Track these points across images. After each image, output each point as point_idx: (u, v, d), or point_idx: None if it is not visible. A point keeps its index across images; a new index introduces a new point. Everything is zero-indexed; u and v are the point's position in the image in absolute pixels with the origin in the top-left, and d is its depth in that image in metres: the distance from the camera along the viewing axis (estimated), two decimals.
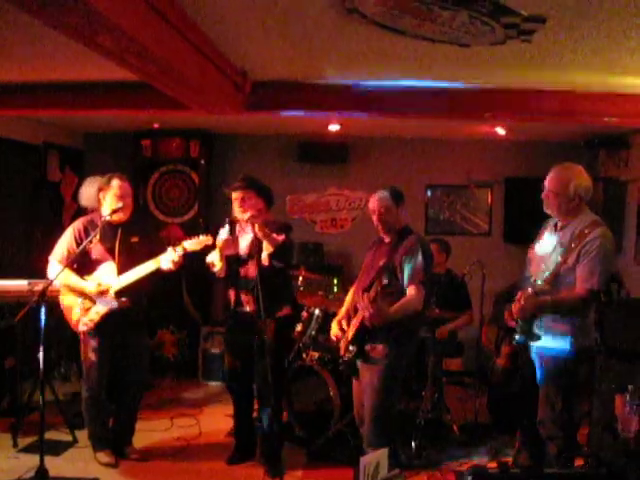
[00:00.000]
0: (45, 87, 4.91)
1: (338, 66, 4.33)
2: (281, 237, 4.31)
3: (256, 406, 4.70)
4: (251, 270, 4.42)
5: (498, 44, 3.50)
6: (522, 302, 3.52)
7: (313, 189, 7.62)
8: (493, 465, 3.52)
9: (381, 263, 3.95)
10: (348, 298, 4.39)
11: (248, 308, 4.48)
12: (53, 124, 6.85)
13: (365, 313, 3.80)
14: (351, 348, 4.04)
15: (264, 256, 4.27)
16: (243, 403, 4.73)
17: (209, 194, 7.48)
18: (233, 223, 4.59)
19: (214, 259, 4.49)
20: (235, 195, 4.50)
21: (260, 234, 4.20)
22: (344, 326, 4.18)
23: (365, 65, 4.27)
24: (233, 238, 4.55)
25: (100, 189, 4.46)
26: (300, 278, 5.73)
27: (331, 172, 7.55)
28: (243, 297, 4.52)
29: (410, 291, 3.92)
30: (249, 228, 4.42)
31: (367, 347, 3.99)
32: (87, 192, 5.42)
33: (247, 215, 4.29)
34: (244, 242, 4.55)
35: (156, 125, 6.97)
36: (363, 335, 3.98)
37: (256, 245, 4.37)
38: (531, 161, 7.09)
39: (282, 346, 4.65)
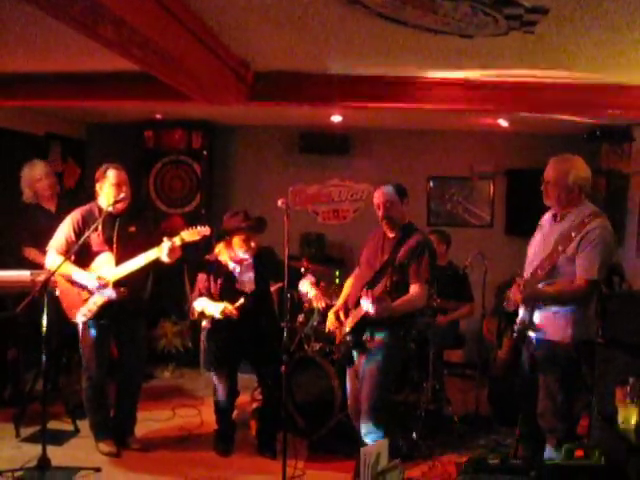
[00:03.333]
0: (47, 78, 4.90)
1: (340, 57, 4.32)
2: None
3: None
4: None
5: (500, 35, 3.49)
6: (521, 287, 3.53)
7: (315, 180, 7.61)
8: (493, 456, 3.54)
9: (385, 258, 3.97)
10: (345, 289, 4.39)
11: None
12: (55, 115, 6.85)
13: (370, 310, 3.76)
14: (348, 338, 4.06)
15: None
16: (229, 400, 4.81)
17: (211, 185, 7.50)
18: (216, 263, 4.68)
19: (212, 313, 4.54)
20: (246, 235, 4.54)
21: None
22: (342, 317, 4.20)
23: (367, 56, 4.26)
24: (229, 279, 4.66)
25: (96, 180, 4.48)
26: (302, 269, 5.74)
27: (333, 163, 7.54)
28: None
29: (415, 289, 3.92)
30: (250, 264, 4.64)
31: (365, 337, 4.01)
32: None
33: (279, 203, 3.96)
34: (248, 279, 4.64)
35: (158, 116, 6.97)
36: (361, 326, 4.00)
37: (260, 279, 4.65)
38: (533, 153, 7.07)
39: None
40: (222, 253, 4.61)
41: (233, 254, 4.58)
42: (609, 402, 3.91)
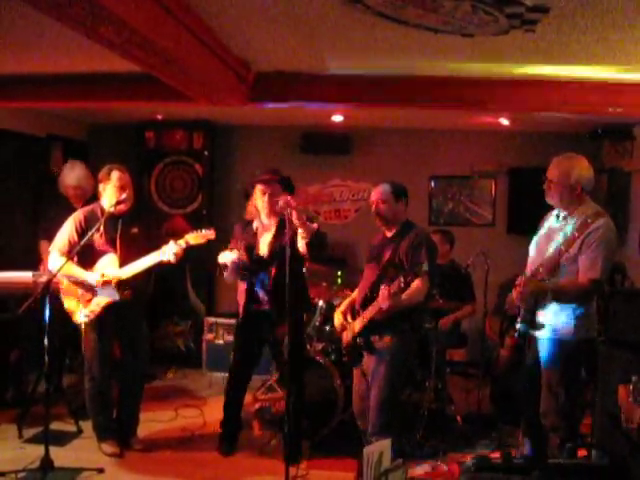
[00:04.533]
0: (49, 79, 4.91)
1: (341, 57, 4.32)
2: (315, 225, 4.23)
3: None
4: (273, 270, 4.45)
5: (501, 34, 3.49)
6: (521, 286, 3.53)
7: (316, 180, 7.61)
8: (496, 455, 3.53)
9: (387, 257, 3.99)
10: (354, 294, 4.40)
11: (265, 307, 4.53)
12: (57, 116, 6.85)
13: (384, 305, 3.79)
14: (358, 340, 4.09)
15: (301, 245, 4.13)
16: (238, 395, 4.79)
17: (212, 185, 7.50)
18: (250, 222, 4.61)
19: (227, 260, 4.47)
20: (261, 189, 4.45)
21: (297, 222, 4.02)
22: (348, 318, 4.21)
23: (368, 56, 4.26)
24: (249, 237, 4.57)
25: (100, 181, 4.47)
26: (304, 269, 5.73)
27: (335, 163, 7.54)
28: (261, 296, 4.56)
29: (416, 282, 3.93)
30: (271, 225, 4.47)
31: (374, 338, 4.04)
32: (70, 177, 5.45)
33: (282, 200, 4.03)
34: (263, 242, 4.53)
35: (159, 116, 6.97)
36: (370, 327, 4.02)
37: (277, 245, 4.36)
38: (535, 152, 7.07)
39: (299, 340, 4.64)
40: (248, 211, 4.60)
41: (255, 209, 4.53)
42: (612, 401, 3.90)
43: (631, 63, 4.09)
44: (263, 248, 4.53)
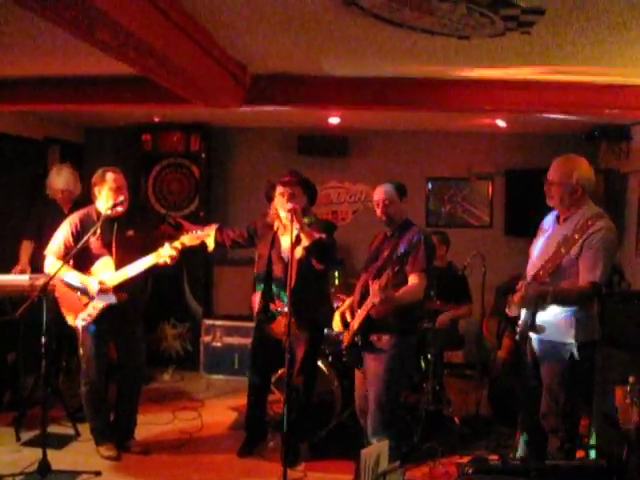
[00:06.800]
0: (45, 82, 4.90)
1: (337, 59, 4.32)
2: (318, 234, 4.30)
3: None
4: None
5: (497, 36, 3.49)
6: (523, 290, 3.52)
7: (313, 182, 7.59)
8: (494, 457, 3.53)
9: (385, 255, 4.01)
10: (356, 294, 4.40)
11: (281, 309, 4.52)
12: (54, 119, 6.85)
13: (375, 299, 3.80)
14: (356, 339, 4.09)
15: (299, 249, 4.26)
16: (260, 395, 4.79)
17: (210, 187, 7.50)
18: (270, 223, 4.63)
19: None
20: (282, 190, 4.43)
21: (297, 225, 4.15)
22: (347, 318, 4.22)
23: (364, 57, 4.26)
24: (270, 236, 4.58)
25: (94, 184, 4.46)
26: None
27: (331, 165, 7.54)
28: (278, 297, 4.55)
29: (413, 279, 3.97)
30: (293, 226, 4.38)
31: (373, 337, 4.04)
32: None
33: (289, 206, 4.20)
34: (285, 243, 4.48)
35: (157, 119, 6.97)
36: (368, 326, 4.02)
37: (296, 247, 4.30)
38: (532, 153, 7.09)
39: (313, 346, 4.65)
40: (270, 214, 4.62)
41: (275, 211, 4.53)
42: (609, 401, 3.91)
43: (627, 65, 4.10)
44: (284, 250, 4.49)
